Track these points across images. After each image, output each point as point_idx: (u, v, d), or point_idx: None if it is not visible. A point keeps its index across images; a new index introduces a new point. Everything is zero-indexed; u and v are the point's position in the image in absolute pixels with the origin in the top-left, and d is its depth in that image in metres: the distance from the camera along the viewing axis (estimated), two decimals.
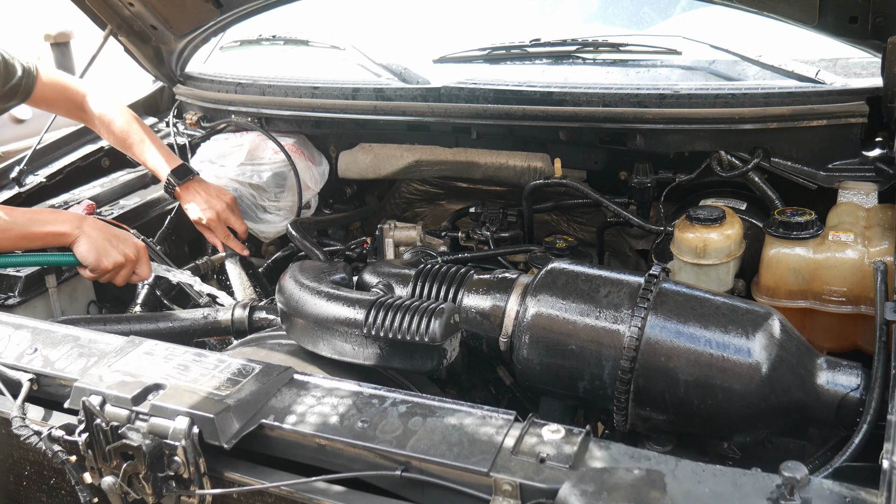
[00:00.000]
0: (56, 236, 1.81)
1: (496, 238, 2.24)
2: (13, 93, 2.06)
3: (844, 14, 1.62)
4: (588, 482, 1.00)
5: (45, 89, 2.13)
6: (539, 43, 2.26)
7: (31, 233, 1.78)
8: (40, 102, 2.17)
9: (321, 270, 1.68)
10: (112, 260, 1.83)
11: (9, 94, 2.05)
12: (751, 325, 1.34)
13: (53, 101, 2.19)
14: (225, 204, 2.22)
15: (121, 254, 1.84)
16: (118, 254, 1.84)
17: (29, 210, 1.81)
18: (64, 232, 1.80)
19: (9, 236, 1.76)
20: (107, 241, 1.83)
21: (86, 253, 1.81)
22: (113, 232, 1.87)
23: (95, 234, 1.82)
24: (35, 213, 1.81)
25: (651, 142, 1.96)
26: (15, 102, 2.11)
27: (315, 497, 1.13)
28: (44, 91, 2.13)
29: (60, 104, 2.21)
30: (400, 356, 1.43)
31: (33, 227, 1.78)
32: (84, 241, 1.81)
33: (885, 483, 0.96)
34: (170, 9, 2.28)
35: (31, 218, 1.79)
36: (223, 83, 2.48)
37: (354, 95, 2.22)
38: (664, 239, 1.93)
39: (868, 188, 1.78)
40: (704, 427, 1.38)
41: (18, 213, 1.78)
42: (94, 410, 1.21)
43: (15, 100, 2.09)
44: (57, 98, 2.18)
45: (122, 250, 1.85)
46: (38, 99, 2.14)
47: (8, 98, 2.07)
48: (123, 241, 1.87)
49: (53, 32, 5.28)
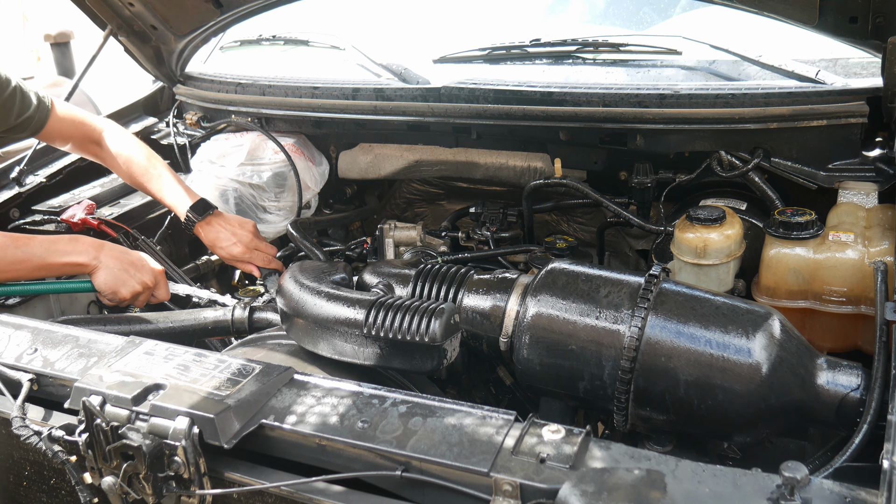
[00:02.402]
0: (74, 267, 1.82)
1: (496, 238, 2.24)
2: (25, 125, 2.07)
3: (844, 14, 1.61)
4: (588, 482, 1.00)
5: (60, 123, 2.14)
6: (539, 43, 2.26)
7: (49, 263, 1.78)
8: (54, 136, 2.17)
9: (321, 270, 1.68)
10: (130, 290, 1.85)
11: (21, 125, 2.06)
12: (751, 326, 1.34)
13: (68, 136, 2.18)
14: (250, 233, 2.19)
15: (138, 283, 1.86)
16: (136, 283, 1.86)
17: (47, 239, 1.80)
18: (82, 263, 1.82)
19: (27, 267, 1.76)
20: (124, 270, 1.85)
21: (103, 284, 1.83)
22: (130, 259, 1.88)
23: (113, 263, 1.84)
24: (53, 243, 1.80)
25: (651, 142, 1.96)
26: (26, 135, 2.11)
27: (315, 497, 1.13)
28: (59, 125, 2.14)
29: (75, 139, 2.20)
30: (400, 356, 1.43)
31: (51, 257, 1.78)
32: (102, 273, 1.83)
33: (885, 483, 0.96)
34: (170, 9, 2.28)
35: (48, 248, 1.78)
36: (223, 83, 2.48)
37: (354, 95, 2.22)
38: (664, 239, 1.93)
39: (868, 188, 1.78)
40: (704, 427, 1.38)
41: (36, 244, 1.77)
42: (94, 410, 1.21)
43: (26, 132, 2.10)
44: (72, 133, 2.18)
45: (140, 279, 1.87)
46: (52, 132, 2.14)
47: (20, 130, 2.08)
48: (140, 269, 1.88)
49: (53, 32, 5.27)
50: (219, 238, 2.17)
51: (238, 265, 2.24)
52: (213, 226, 2.17)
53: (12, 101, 2.01)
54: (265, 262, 2.21)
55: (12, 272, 1.76)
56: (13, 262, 1.74)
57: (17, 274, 1.77)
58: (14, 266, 1.74)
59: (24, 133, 2.10)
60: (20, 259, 1.74)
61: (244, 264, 2.21)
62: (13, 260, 1.73)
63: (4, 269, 1.74)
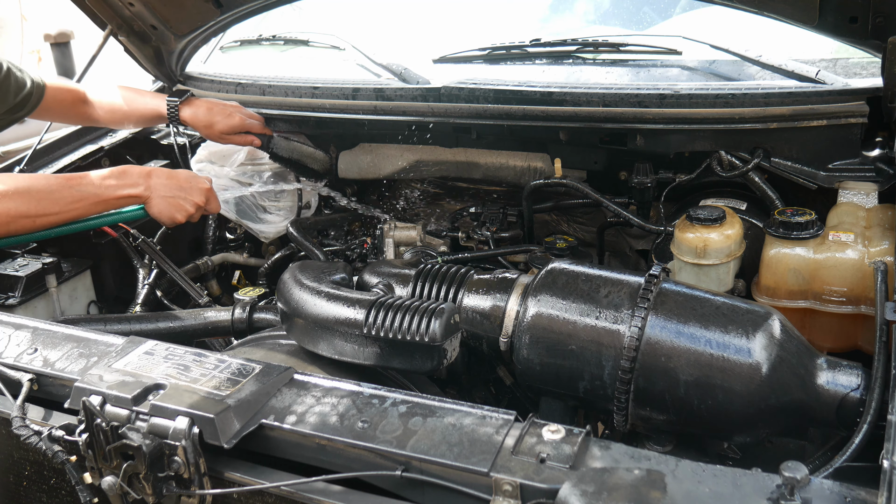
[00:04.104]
0: (129, 199, 1.89)
1: (496, 238, 2.24)
2: (23, 103, 2.11)
3: (844, 14, 1.61)
4: (588, 482, 1.00)
5: (55, 93, 2.19)
6: (539, 43, 2.26)
7: (105, 198, 1.85)
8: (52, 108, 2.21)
9: (321, 270, 1.68)
10: (184, 213, 1.94)
11: (20, 104, 2.10)
12: (751, 325, 1.34)
13: (63, 102, 2.23)
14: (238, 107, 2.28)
15: (191, 205, 1.94)
16: (188, 205, 1.93)
17: (98, 175, 1.85)
18: (135, 195, 1.88)
19: (84, 205, 1.82)
20: (176, 196, 1.91)
21: (158, 213, 1.91)
22: (178, 183, 1.93)
23: (164, 189, 1.90)
24: (104, 178, 1.85)
25: (651, 142, 1.96)
26: (24, 113, 2.14)
27: (315, 497, 1.13)
28: (55, 94, 2.18)
29: (67, 104, 2.24)
30: (400, 356, 1.43)
31: (106, 192, 1.84)
32: (155, 201, 1.90)
33: (885, 483, 0.96)
34: (170, 9, 2.28)
35: (101, 184, 1.84)
36: (223, 83, 2.48)
37: (354, 95, 2.22)
38: (664, 239, 1.93)
39: (868, 188, 1.78)
40: (704, 427, 1.38)
41: (88, 181, 1.83)
42: (94, 410, 1.21)
43: (24, 110, 2.13)
44: (65, 98, 2.23)
45: (191, 200, 1.94)
46: (50, 103, 2.18)
47: (18, 109, 2.11)
48: (190, 190, 1.94)
49: (53, 32, 5.27)
50: (212, 113, 2.24)
51: (237, 140, 2.28)
52: (199, 107, 2.24)
53: (8, 83, 2.05)
54: (262, 128, 2.29)
55: (72, 212, 1.81)
56: (71, 201, 1.79)
57: (77, 213, 1.83)
58: (73, 205, 1.80)
59: (23, 111, 2.13)
60: (77, 198, 1.80)
61: (243, 137, 2.27)
62: (71, 199, 1.79)
63: (65, 210, 1.79)
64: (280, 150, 2.31)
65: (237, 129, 2.25)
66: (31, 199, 1.74)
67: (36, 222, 1.77)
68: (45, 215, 1.77)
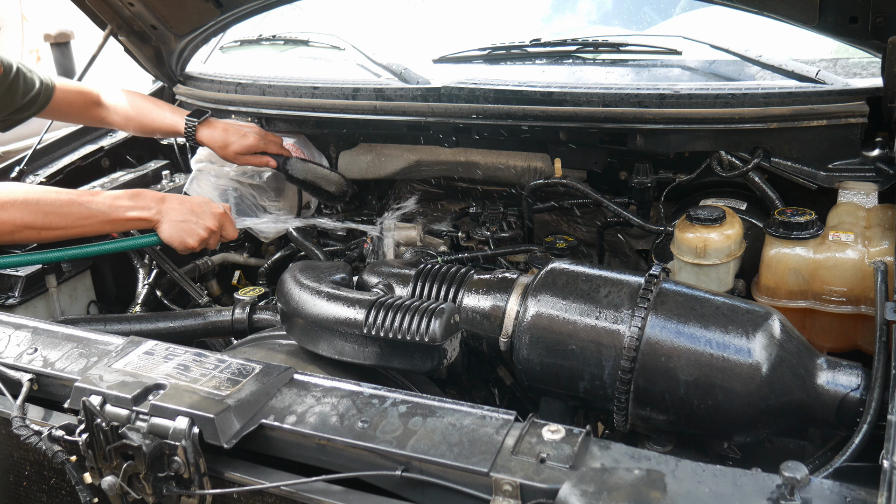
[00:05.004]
0: (138, 221, 1.86)
1: (496, 238, 2.24)
2: (30, 104, 2.11)
3: (844, 14, 1.62)
4: (588, 482, 1.00)
5: (65, 94, 2.19)
6: (539, 43, 2.26)
7: (114, 219, 1.82)
8: (62, 108, 2.21)
9: (321, 270, 1.68)
10: (196, 238, 1.89)
11: (26, 105, 2.10)
12: (751, 326, 1.34)
13: (73, 104, 2.22)
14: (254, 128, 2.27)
15: (203, 229, 1.89)
16: (200, 230, 1.89)
17: (109, 195, 1.84)
18: (145, 218, 1.86)
19: (93, 223, 1.80)
20: (187, 221, 1.88)
21: (168, 237, 1.88)
22: (191, 207, 1.90)
23: (175, 214, 1.87)
24: (115, 199, 1.83)
25: (651, 142, 1.96)
26: (30, 114, 2.14)
27: (315, 497, 1.13)
28: (64, 96, 2.18)
29: (79, 105, 2.24)
30: (400, 356, 1.43)
31: (115, 213, 1.82)
32: (166, 226, 1.86)
33: (885, 483, 0.96)
34: (170, 9, 2.28)
35: (111, 204, 1.82)
36: (223, 83, 2.48)
37: (354, 95, 2.22)
38: (664, 239, 1.93)
39: (868, 188, 1.78)
40: (704, 427, 1.38)
41: (99, 200, 1.81)
42: (94, 410, 1.21)
43: (30, 111, 2.13)
44: (76, 100, 2.22)
45: (203, 225, 1.90)
46: (59, 104, 2.18)
47: (25, 109, 2.11)
48: (202, 215, 1.90)
49: (53, 32, 5.27)
50: (227, 134, 2.21)
51: (253, 161, 2.26)
52: (216, 128, 2.21)
53: (17, 83, 2.05)
54: (279, 148, 2.27)
55: (79, 228, 1.79)
56: (79, 217, 1.77)
57: (84, 230, 1.81)
58: (81, 222, 1.78)
59: (30, 111, 2.13)
60: (86, 215, 1.78)
61: (258, 157, 2.25)
62: (79, 216, 1.77)
63: (72, 225, 1.77)
64: (295, 171, 2.29)
65: (252, 150, 2.22)
66: (38, 210, 1.73)
67: (41, 234, 1.76)
68: (51, 228, 1.75)
